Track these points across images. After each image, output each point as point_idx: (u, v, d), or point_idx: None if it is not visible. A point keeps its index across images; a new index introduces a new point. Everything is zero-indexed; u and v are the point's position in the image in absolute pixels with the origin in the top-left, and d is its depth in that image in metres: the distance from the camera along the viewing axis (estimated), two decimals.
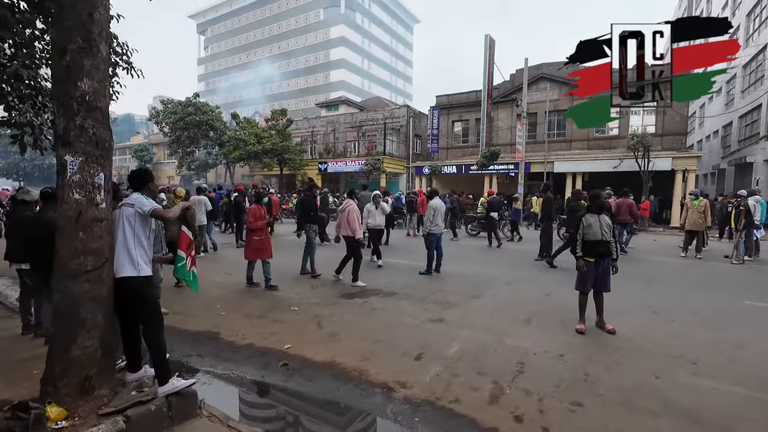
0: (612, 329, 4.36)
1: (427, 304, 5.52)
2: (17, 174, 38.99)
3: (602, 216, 4.45)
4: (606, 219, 4.45)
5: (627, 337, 4.25)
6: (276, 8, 62.26)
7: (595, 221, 4.43)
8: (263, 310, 5.25)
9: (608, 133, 21.45)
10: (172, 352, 4.00)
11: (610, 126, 21.32)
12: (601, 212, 4.47)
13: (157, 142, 39.00)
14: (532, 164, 21.03)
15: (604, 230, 4.37)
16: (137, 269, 2.67)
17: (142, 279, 2.69)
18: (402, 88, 71.23)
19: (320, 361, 3.78)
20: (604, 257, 4.38)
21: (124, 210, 2.67)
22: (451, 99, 26.00)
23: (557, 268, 7.65)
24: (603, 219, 4.43)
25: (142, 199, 2.71)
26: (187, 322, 4.83)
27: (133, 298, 2.68)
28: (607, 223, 4.42)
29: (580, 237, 4.48)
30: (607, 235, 4.38)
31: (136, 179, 2.89)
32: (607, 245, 4.37)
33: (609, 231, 4.40)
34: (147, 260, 2.75)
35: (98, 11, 2.41)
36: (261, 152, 25.17)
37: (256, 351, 4.04)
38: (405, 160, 27.79)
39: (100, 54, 2.43)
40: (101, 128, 2.47)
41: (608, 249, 4.37)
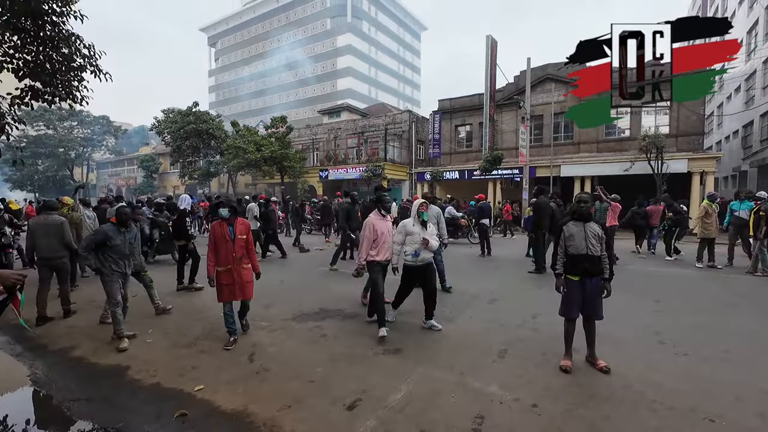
0: (605, 367, 3.47)
1: (390, 329, 4.69)
2: (31, 185, 39.57)
3: (589, 225, 3.57)
4: (594, 228, 3.56)
5: (624, 379, 3.35)
6: (284, 19, 62.82)
7: (579, 231, 3.56)
8: (195, 336, 4.52)
9: (619, 134, 20.30)
10: (59, 393, 3.32)
11: (620, 127, 20.20)
12: (587, 220, 3.61)
13: (163, 152, 39.11)
14: (537, 168, 20.02)
15: (590, 242, 3.50)
16: None
17: None
18: (410, 95, 70.78)
19: (229, 410, 3.01)
20: (591, 276, 3.52)
21: None
22: (453, 103, 25.23)
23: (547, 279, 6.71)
24: (590, 228, 3.55)
25: None
26: (100, 352, 4.13)
27: None
28: (594, 234, 3.53)
29: (561, 250, 3.64)
30: (595, 248, 3.50)
31: None
32: (593, 261, 3.49)
33: (597, 243, 3.52)
34: None
35: None
36: (260, 160, 24.76)
37: (159, 394, 3.29)
38: (407, 166, 27.03)
39: None
40: None
41: (595, 266, 3.50)
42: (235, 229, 4.25)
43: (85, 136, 40.33)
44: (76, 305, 5.87)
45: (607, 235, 3.63)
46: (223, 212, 4.22)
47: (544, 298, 5.74)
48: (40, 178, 39.08)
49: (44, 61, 6.39)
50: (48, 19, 6.15)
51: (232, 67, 69.25)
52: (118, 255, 4.37)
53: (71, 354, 4.13)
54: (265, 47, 64.98)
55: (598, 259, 3.50)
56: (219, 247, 4.19)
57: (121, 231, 4.44)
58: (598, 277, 3.52)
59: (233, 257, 4.19)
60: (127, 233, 4.49)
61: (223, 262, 4.18)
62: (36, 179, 38.99)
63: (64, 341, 4.45)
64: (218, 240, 4.20)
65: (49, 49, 6.38)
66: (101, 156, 47.61)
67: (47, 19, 6.14)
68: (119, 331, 4.30)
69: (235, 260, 4.19)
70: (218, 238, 4.20)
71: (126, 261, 4.48)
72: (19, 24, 5.97)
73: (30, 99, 6.39)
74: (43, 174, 39.05)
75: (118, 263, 4.38)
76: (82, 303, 5.94)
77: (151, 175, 39.30)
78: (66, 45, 6.46)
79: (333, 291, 6.55)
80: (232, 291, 4.22)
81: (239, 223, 4.31)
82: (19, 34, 6.15)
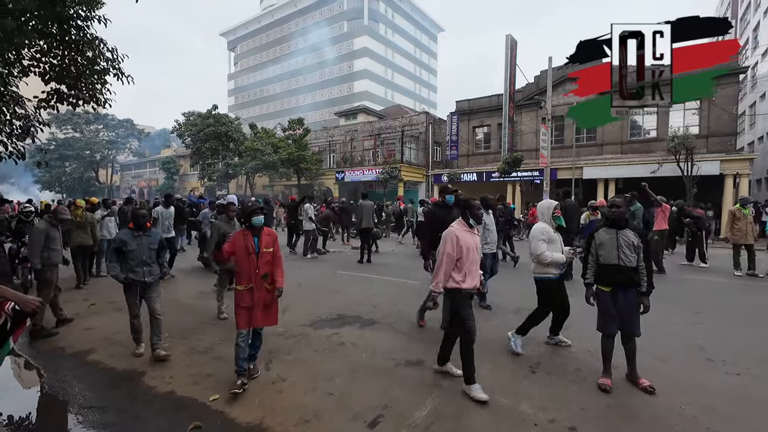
0: (649, 386, 3.17)
1: (409, 338, 4.50)
2: (59, 186, 41.01)
3: (623, 232, 3.27)
4: (628, 237, 3.24)
5: (671, 400, 3.06)
6: (302, 23, 63.43)
7: (611, 239, 3.27)
8: (211, 342, 4.41)
9: (644, 135, 19.55)
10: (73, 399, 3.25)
11: (646, 128, 19.46)
12: (621, 227, 3.29)
13: (184, 154, 39.92)
14: (558, 170, 19.46)
15: (623, 252, 3.20)
16: None
17: None
18: (426, 97, 70.42)
19: (244, 423, 2.87)
20: (624, 287, 3.20)
21: None
22: (471, 104, 24.85)
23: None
24: (623, 236, 3.24)
25: None
26: (117, 357, 4.06)
27: None
28: (628, 242, 3.22)
29: (592, 258, 3.37)
30: (628, 258, 3.19)
31: None
32: (626, 272, 3.18)
33: (632, 253, 3.21)
34: None
35: None
36: (278, 162, 24.95)
37: (173, 403, 3.18)
38: (424, 168, 26.77)
39: None
40: None
41: (628, 277, 3.19)
42: (261, 240, 3.45)
43: (109, 139, 41.59)
44: (96, 306, 5.90)
45: (646, 243, 3.31)
46: (257, 221, 3.46)
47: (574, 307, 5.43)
48: (67, 179, 40.45)
49: (69, 65, 6.46)
50: (73, 23, 6.21)
51: (251, 71, 70.31)
52: (135, 261, 4.02)
53: (88, 357, 4.08)
54: (282, 51, 65.76)
55: (632, 271, 3.21)
56: (240, 261, 3.41)
57: (136, 235, 4.07)
58: (633, 289, 3.22)
59: (256, 274, 3.39)
60: (145, 237, 4.13)
61: (244, 280, 3.39)
62: (64, 181, 40.37)
63: (81, 344, 4.41)
64: (239, 253, 3.40)
65: (74, 53, 6.45)
66: (125, 158, 48.98)
67: (72, 24, 6.20)
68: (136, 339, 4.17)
69: (258, 278, 3.40)
70: (239, 250, 3.40)
71: (145, 268, 4.07)
72: (45, 29, 6.05)
73: (55, 102, 6.47)
74: (70, 176, 40.40)
75: (135, 270, 4.01)
76: (101, 304, 5.95)
77: (172, 177, 40.20)
78: (90, 48, 6.52)
79: (351, 296, 6.39)
80: (251, 316, 3.40)
81: (265, 233, 3.50)
82: (45, 38, 6.23)
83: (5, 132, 5.49)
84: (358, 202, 10.79)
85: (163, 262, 4.41)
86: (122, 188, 49.69)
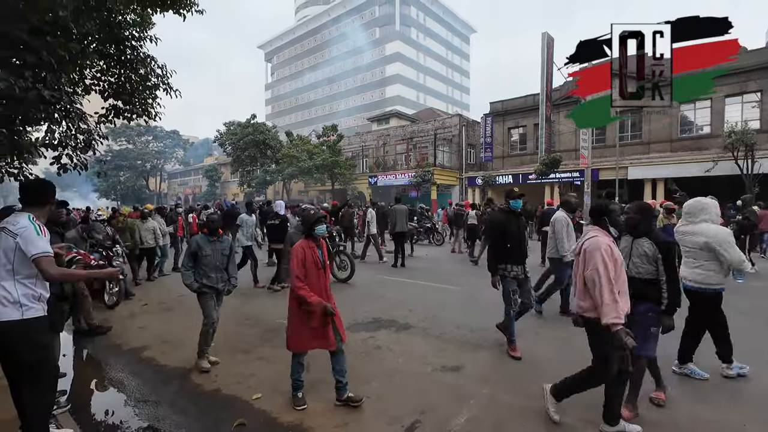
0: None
1: (445, 343, 4.46)
2: (115, 194, 44.34)
3: (638, 241, 2.95)
4: (642, 246, 2.91)
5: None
6: (335, 31, 64.86)
7: (625, 248, 3.00)
8: (253, 344, 4.58)
9: (697, 131, 18.25)
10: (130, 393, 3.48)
11: (699, 123, 18.16)
12: (639, 234, 2.96)
13: (225, 162, 41.89)
14: (600, 171, 18.59)
15: (632, 262, 2.94)
16: (20, 310, 2.09)
17: (22, 323, 2.10)
18: (459, 99, 69.71)
19: (286, 422, 2.96)
20: (636, 301, 2.81)
21: (3, 238, 2.11)
22: (506, 105, 24.31)
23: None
24: (639, 246, 2.93)
25: (31, 234, 2.09)
26: (168, 354, 4.32)
27: (7, 349, 2.11)
28: (641, 252, 2.90)
29: None
30: (638, 269, 2.90)
31: (28, 192, 2.28)
32: (635, 284, 2.83)
33: (644, 264, 2.88)
34: (37, 298, 2.17)
35: None
36: (312, 168, 25.60)
37: (219, 400, 3.34)
38: (457, 171, 26.45)
39: None
40: None
41: (639, 290, 2.84)
42: (324, 252, 3.21)
43: (158, 149, 44.51)
44: (148, 306, 6.30)
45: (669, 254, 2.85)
46: (321, 230, 3.22)
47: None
48: (121, 187, 43.64)
49: (125, 82, 6.99)
50: (128, 44, 6.73)
51: (286, 80, 72.71)
52: (209, 267, 3.93)
53: (142, 354, 4.37)
54: (316, 59, 67.53)
55: (643, 283, 2.87)
56: (309, 278, 3.05)
57: (211, 241, 3.97)
58: (646, 305, 2.85)
59: (326, 290, 3.15)
60: (218, 243, 4.02)
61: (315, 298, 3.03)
62: (118, 189, 43.58)
63: (136, 342, 4.73)
64: (309, 267, 3.07)
65: (128, 71, 6.98)
66: (171, 167, 52.11)
67: (128, 44, 6.72)
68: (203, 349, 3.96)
69: (328, 294, 3.17)
70: (309, 264, 3.07)
71: (218, 274, 3.99)
72: (104, 50, 6.59)
73: (113, 117, 7.02)
74: (124, 184, 43.58)
75: (210, 276, 3.93)
76: (152, 305, 6.35)
77: (214, 184, 42.28)
78: (143, 66, 7.03)
79: (386, 299, 6.43)
80: (319, 336, 3.06)
81: (323, 245, 3.29)
82: (104, 59, 6.79)
83: (71, 145, 6.01)
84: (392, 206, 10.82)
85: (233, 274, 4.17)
86: (169, 195, 52.81)
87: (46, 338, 2.24)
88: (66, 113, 5.72)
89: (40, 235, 2.12)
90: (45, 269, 2.10)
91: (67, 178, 7.00)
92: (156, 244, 8.13)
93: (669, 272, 2.81)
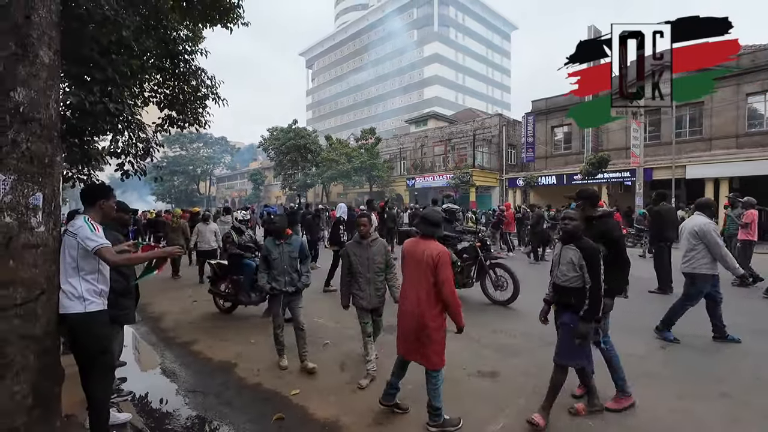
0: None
1: (482, 347, 4.38)
2: (169, 197, 47.71)
3: (567, 248, 2.84)
4: (570, 253, 2.80)
5: None
6: (374, 35, 65.65)
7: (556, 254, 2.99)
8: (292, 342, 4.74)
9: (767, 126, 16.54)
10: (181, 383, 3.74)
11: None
12: (567, 241, 2.87)
13: (268, 166, 43.73)
14: (654, 170, 17.37)
15: (559, 269, 2.89)
16: (83, 304, 2.34)
17: (85, 316, 2.34)
18: (499, 99, 68.01)
19: (322, 418, 3.06)
20: (562, 308, 2.93)
21: (66, 239, 2.36)
22: (549, 103, 23.39)
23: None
24: (566, 253, 2.84)
25: (87, 230, 2.32)
26: (214, 348, 4.59)
27: (73, 339, 2.36)
28: (569, 260, 2.80)
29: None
30: (565, 276, 2.82)
31: (84, 196, 2.56)
32: (561, 292, 2.90)
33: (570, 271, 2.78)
34: (98, 293, 2.41)
35: (37, 13, 2.19)
36: (351, 171, 26.07)
37: (261, 394, 3.51)
38: (497, 172, 25.79)
39: (39, 60, 2.20)
40: (38, 142, 2.22)
41: (564, 297, 2.87)
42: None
43: (208, 155, 47.34)
44: (197, 303, 6.71)
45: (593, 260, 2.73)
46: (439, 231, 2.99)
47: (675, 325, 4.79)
48: (175, 191, 46.87)
49: (178, 94, 7.53)
50: (182, 57, 7.24)
51: (327, 85, 74.60)
52: (278, 270, 3.93)
53: (191, 347, 4.67)
54: (355, 64, 68.70)
55: (569, 291, 2.82)
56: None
57: (278, 244, 3.97)
58: (570, 314, 2.84)
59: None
60: (285, 246, 4.00)
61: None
62: (173, 192, 46.84)
63: (187, 335, 5.07)
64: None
65: (182, 83, 7.51)
66: (219, 171, 55.18)
67: (181, 58, 7.23)
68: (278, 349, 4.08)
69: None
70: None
71: (286, 277, 3.94)
72: (161, 64, 7.14)
73: (168, 126, 7.58)
74: (178, 188, 46.76)
75: (278, 280, 3.93)
76: (201, 302, 6.75)
77: (258, 187, 44.24)
78: (194, 78, 7.54)
79: None
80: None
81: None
82: (161, 72, 7.35)
83: (132, 153, 6.57)
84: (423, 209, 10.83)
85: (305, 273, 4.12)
86: (218, 198, 55.90)
87: (105, 330, 2.47)
88: (128, 124, 6.26)
89: (94, 231, 2.34)
90: (106, 258, 2.32)
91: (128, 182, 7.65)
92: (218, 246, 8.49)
93: (593, 279, 2.73)
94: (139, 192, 48.55)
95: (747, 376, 3.62)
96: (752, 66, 15.61)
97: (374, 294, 3.61)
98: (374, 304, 3.64)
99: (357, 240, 3.65)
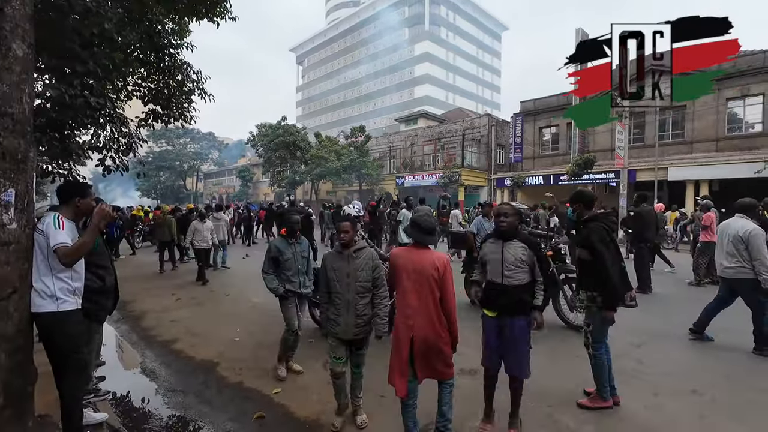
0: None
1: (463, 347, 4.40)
2: (155, 193, 46.84)
3: (510, 244, 2.67)
4: (519, 249, 2.64)
5: None
6: (365, 32, 65.41)
7: (494, 251, 2.72)
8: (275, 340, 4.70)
9: (746, 129, 17.03)
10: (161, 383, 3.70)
11: (749, 121, 16.95)
12: (508, 237, 2.68)
13: (257, 163, 43.29)
14: (638, 171, 17.75)
15: (506, 267, 2.63)
16: (56, 303, 2.29)
17: (58, 315, 2.29)
18: (489, 99, 68.52)
19: (303, 417, 3.07)
20: (511, 314, 2.64)
21: (36, 236, 2.31)
22: (537, 104, 23.66)
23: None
24: (510, 249, 2.65)
25: (50, 229, 2.26)
26: (197, 347, 4.55)
27: (45, 338, 2.32)
28: (518, 258, 2.63)
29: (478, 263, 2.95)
30: (514, 278, 2.63)
31: (60, 193, 2.50)
32: (510, 294, 2.62)
33: (520, 271, 2.63)
34: (72, 291, 2.36)
35: (10, 5, 2.13)
36: (340, 168, 25.97)
37: (242, 392, 3.49)
38: (486, 171, 26.02)
39: (12, 53, 2.14)
40: (11, 137, 2.16)
41: (515, 301, 2.63)
42: None
43: (195, 151, 46.61)
44: (181, 301, 6.62)
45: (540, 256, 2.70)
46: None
47: (649, 322, 4.92)
48: (161, 187, 46.05)
49: (163, 88, 7.39)
50: (167, 51, 7.11)
51: (317, 82, 74.09)
52: (291, 271, 3.74)
53: (173, 346, 4.62)
54: (346, 61, 68.38)
55: (520, 291, 2.64)
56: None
57: (290, 243, 3.77)
58: (522, 319, 2.66)
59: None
60: (298, 245, 3.84)
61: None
62: (158, 188, 46.01)
63: (168, 334, 5.01)
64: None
65: (166, 77, 7.38)
66: (207, 167, 54.38)
67: (166, 52, 7.10)
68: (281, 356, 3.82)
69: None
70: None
71: (300, 278, 3.80)
72: (145, 58, 7.00)
73: (152, 121, 7.44)
74: (164, 184, 45.96)
75: (292, 281, 3.74)
76: (185, 300, 6.67)
77: (246, 184, 43.75)
78: (179, 72, 7.41)
79: None
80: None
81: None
82: (145, 66, 7.21)
83: (114, 148, 6.43)
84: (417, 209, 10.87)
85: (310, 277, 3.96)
86: (205, 194, 55.14)
87: (78, 329, 2.43)
88: (110, 118, 6.11)
89: (58, 228, 2.27)
90: (61, 259, 2.26)
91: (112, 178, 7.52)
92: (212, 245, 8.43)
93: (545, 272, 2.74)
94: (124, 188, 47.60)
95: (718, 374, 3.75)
96: (733, 71, 16.02)
97: (353, 322, 2.79)
98: (350, 335, 2.83)
99: (338, 250, 2.89)
